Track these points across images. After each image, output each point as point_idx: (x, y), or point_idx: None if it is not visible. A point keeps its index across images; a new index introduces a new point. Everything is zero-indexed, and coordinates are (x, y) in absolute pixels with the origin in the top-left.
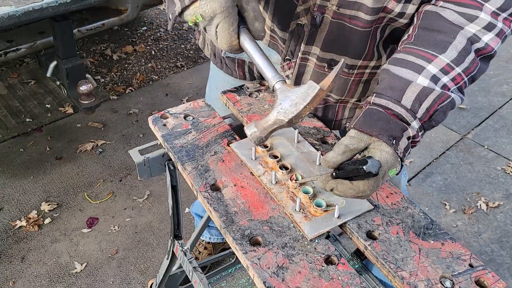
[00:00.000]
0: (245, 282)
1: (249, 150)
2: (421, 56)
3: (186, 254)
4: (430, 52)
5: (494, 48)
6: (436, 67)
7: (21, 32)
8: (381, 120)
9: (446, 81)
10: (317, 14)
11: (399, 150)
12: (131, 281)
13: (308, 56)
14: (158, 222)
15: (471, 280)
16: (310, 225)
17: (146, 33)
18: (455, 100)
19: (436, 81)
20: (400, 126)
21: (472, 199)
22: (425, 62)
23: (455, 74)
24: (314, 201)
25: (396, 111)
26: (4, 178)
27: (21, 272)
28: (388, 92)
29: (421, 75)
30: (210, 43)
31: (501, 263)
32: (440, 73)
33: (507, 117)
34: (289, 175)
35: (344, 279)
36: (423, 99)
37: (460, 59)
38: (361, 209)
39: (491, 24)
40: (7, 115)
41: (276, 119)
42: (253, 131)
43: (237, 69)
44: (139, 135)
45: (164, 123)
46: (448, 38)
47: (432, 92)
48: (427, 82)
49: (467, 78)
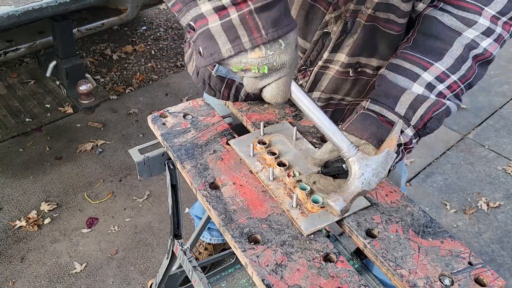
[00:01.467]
0: (245, 282)
1: (248, 147)
2: (416, 63)
3: (186, 253)
4: (426, 60)
5: (492, 53)
6: (431, 75)
7: (20, 31)
8: (373, 124)
9: (441, 88)
10: (350, 19)
11: None
12: (131, 281)
13: (329, 64)
14: (158, 222)
15: (470, 278)
16: (307, 221)
17: (146, 32)
18: (450, 108)
19: (431, 89)
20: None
21: (472, 199)
22: (421, 69)
23: (451, 82)
24: (311, 197)
25: (390, 118)
26: (3, 178)
27: (21, 272)
28: (383, 98)
29: (416, 82)
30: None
31: (502, 263)
32: (435, 81)
33: (507, 117)
34: (286, 172)
35: (342, 276)
36: (417, 107)
37: (457, 67)
38: (358, 206)
39: (489, 29)
40: (7, 115)
41: (362, 191)
42: (344, 205)
43: (223, 90)
44: (139, 135)
45: (163, 122)
46: (445, 45)
47: (426, 100)
48: (422, 90)
49: (464, 85)
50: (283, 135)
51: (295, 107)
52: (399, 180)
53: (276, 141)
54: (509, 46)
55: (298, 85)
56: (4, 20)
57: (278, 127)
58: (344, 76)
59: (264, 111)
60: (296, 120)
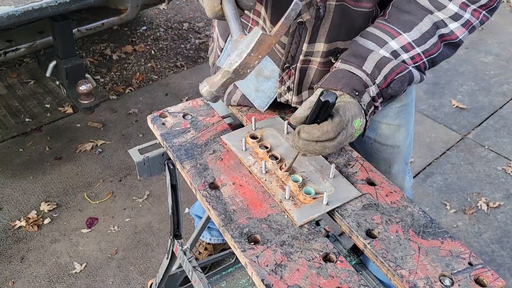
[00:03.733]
0: (245, 282)
1: (240, 141)
2: (386, 31)
3: (186, 253)
4: (396, 29)
5: (458, 36)
6: (397, 44)
7: (20, 31)
8: (345, 77)
9: (405, 57)
10: (321, 5)
11: (362, 102)
12: (131, 281)
13: (310, 57)
14: (157, 222)
15: (470, 279)
16: (300, 212)
17: (146, 32)
18: (413, 73)
19: (396, 56)
20: (362, 82)
21: (472, 199)
22: (389, 37)
23: (415, 53)
24: (303, 189)
25: (358, 75)
26: (3, 178)
27: (21, 272)
28: (352, 58)
29: (383, 48)
30: (215, 53)
31: (502, 263)
32: (400, 50)
33: (507, 117)
34: (279, 164)
35: (342, 276)
36: (381, 67)
37: (422, 41)
38: (349, 196)
39: (457, 14)
40: (7, 115)
41: (224, 71)
42: (204, 86)
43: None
44: (139, 135)
45: (163, 122)
46: (415, 19)
47: (390, 61)
48: (388, 55)
49: (427, 59)
50: (274, 129)
51: (295, 108)
52: (403, 183)
53: (268, 135)
54: (509, 46)
55: (234, 4)
56: (4, 20)
57: (269, 121)
58: (327, 67)
59: (264, 111)
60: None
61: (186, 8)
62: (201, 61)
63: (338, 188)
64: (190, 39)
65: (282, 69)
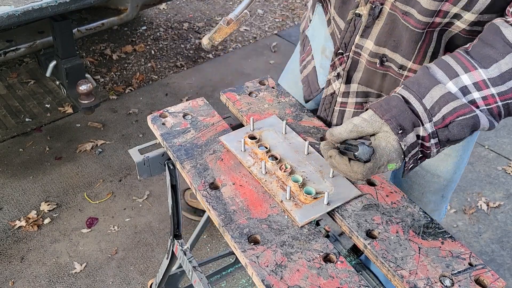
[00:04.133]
0: (245, 282)
1: (239, 142)
2: (461, 62)
3: (186, 253)
4: (472, 63)
5: None
6: (470, 79)
7: (20, 31)
8: (396, 107)
9: (476, 97)
10: (377, 4)
11: (403, 142)
12: (131, 281)
13: (360, 51)
14: (157, 222)
15: (470, 279)
16: (301, 212)
17: (146, 32)
18: (479, 119)
19: (465, 93)
20: (412, 120)
21: (472, 199)
22: (462, 70)
23: (488, 94)
24: (303, 189)
25: (415, 107)
26: (3, 178)
27: (21, 272)
28: (414, 86)
29: (452, 81)
30: (306, 22)
31: (502, 263)
32: (472, 86)
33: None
34: (278, 165)
35: (342, 277)
36: (443, 104)
37: (500, 81)
38: (349, 195)
39: None
40: (7, 115)
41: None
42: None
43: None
44: (139, 135)
45: (163, 122)
46: (496, 56)
47: (455, 100)
48: (455, 90)
49: (502, 103)
50: (273, 130)
51: (295, 107)
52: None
53: (267, 136)
54: None
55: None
56: (4, 20)
57: (267, 122)
58: (373, 67)
59: (264, 111)
60: (297, 120)
61: (186, 8)
62: (201, 61)
63: (338, 188)
64: (190, 39)
65: (336, 53)
